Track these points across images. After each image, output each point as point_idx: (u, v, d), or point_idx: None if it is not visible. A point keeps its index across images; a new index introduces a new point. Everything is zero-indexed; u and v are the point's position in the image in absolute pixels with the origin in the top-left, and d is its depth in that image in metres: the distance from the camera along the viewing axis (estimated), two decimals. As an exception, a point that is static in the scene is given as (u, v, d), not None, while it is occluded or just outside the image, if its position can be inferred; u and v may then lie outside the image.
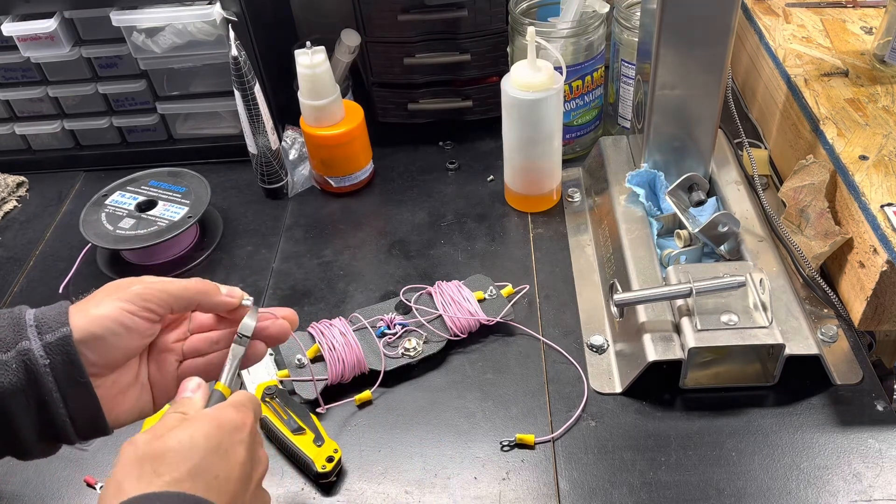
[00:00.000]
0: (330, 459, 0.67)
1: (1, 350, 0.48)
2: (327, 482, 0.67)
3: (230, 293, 0.57)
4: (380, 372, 0.75)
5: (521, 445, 0.69)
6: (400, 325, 0.79)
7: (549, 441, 0.70)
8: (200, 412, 0.50)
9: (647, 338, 0.71)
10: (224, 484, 0.47)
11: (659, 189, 0.86)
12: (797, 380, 0.72)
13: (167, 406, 0.54)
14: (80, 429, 0.51)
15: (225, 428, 0.49)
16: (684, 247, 0.82)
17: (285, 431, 0.69)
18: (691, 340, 0.68)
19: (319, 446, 0.68)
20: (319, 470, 0.66)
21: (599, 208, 0.91)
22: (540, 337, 0.79)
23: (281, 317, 0.59)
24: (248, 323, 0.58)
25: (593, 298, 0.83)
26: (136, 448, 0.47)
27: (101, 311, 0.51)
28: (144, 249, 0.88)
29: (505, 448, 0.69)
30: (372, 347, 0.77)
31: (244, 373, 0.76)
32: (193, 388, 0.53)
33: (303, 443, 0.69)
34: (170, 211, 0.92)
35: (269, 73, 1.00)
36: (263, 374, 0.76)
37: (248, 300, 0.59)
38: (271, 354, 0.78)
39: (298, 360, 0.75)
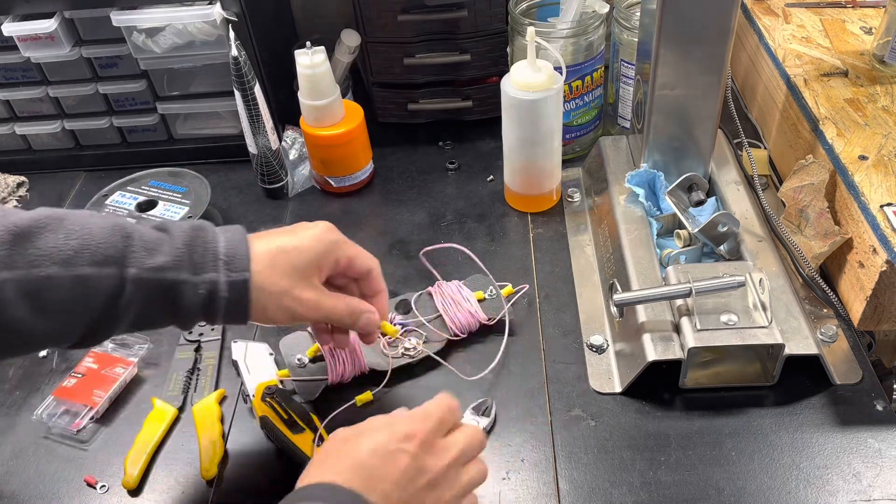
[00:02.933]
0: None
1: (194, 272, 0.57)
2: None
3: (365, 327, 0.67)
4: (380, 372, 0.75)
5: None
6: (400, 324, 0.79)
7: (549, 441, 0.70)
8: (390, 416, 0.57)
9: (646, 338, 0.71)
10: (380, 483, 0.52)
11: (659, 189, 0.86)
12: (797, 380, 0.72)
13: None
14: (225, 324, 0.62)
15: (395, 437, 0.54)
16: (684, 247, 0.82)
17: (285, 431, 0.70)
18: (691, 340, 0.69)
19: (320, 446, 0.68)
20: None
21: (599, 208, 0.91)
22: (540, 337, 0.79)
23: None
24: None
25: (593, 298, 0.83)
26: (338, 436, 0.56)
27: (283, 302, 0.60)
28: (144, 249, 0.88)
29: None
30: (373, 347, 0.77)
31: (244, 371, 0.76)
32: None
33: (303, 442, 0.69)
34: (170, 211, 0.92)
35: (269, 73, 1.00)
36: (264, 373, 0.76)
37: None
38: (271, 354, 0.78)
39: (299, 359, 0.76)
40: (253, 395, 0.73)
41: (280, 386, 0.74)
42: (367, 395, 0.74)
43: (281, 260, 0.61)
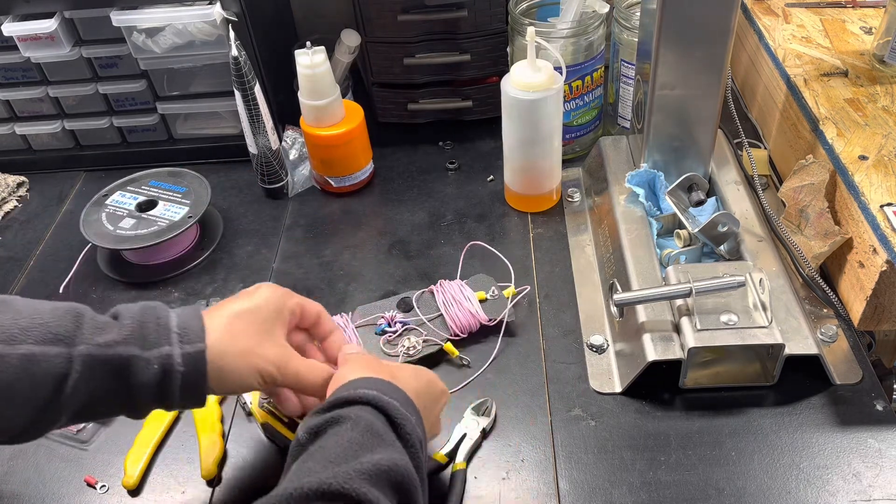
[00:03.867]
0: None
1: (146, 348, 0.55)
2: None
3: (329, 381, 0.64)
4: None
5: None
6: (401, 323, 0.79)
7: (549, 441, 0.70)
8: (423, 369, 0.64)
9: (646, 338, 0.71)
10: (428, 409, 0.61)
11: (659, 189, 0.86)
12: (797, 380, 0.72)
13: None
14: (182, 408, 0.61)
15: (435, 390, 0.63)
16: (684, 247, 0.82)
17: (285, 433, 0.69)
18: (691, 340, 0.69)
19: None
20: None
21: (599, 208, 0.91)
22: (540, 337, 0.79)
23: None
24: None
25: (593, 298, 0.83)
26: (378, 360, 0.62)
27: (244, 365, 0.58)
28: (145, 249, 0.88)
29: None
30: (373, 346, 0.77)
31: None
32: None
33: None
34: (170, 211, 0.92)
35: (269, 73, 1.00)
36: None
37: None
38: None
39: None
40: (250, 403, 0.73)
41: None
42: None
43: (237, 324, 0.59)
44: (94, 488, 0.69)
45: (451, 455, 0.69)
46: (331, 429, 0.52)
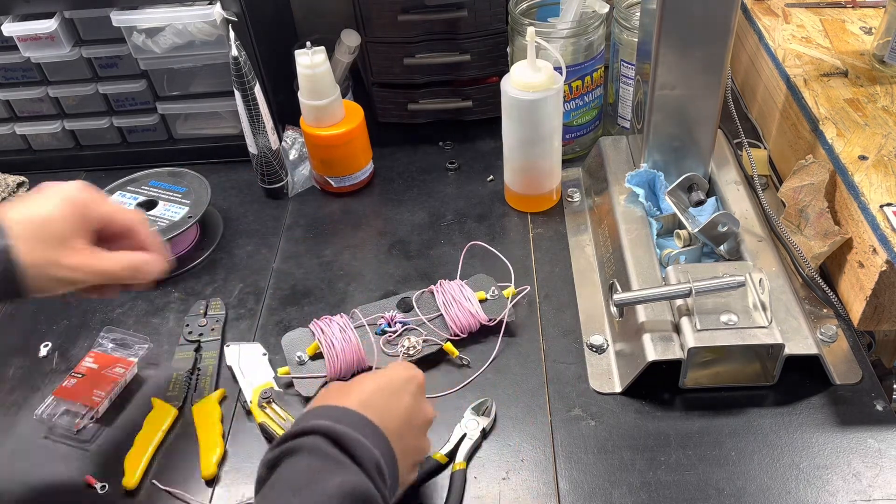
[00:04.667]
0: None
1: None
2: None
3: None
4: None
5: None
6: (401, 323, 0.79)
7: (549, 441, 0.70)
8: (381, 371, 0.63)
9: (646, 338, 0.71)
10: (389, 417, 0.58)
11: (659, 189, 0.86)
12: (797, 380, 0.72)
13: None
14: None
15: (396, 379, 0.61)
16: (684, 247, 0.82)
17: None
18: (691, 340, 0.69)
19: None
20: None
21: (599, 208, 0.91)
22: (540, 337, 0.79)
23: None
24: None
25: (593, 298, 0.83)
26: (333, 387, 0.62)
27: (47, 282, 0.59)
28: (144, 249, 0.88)
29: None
30: (373, 345, 0.77)
31: (239, 375, 0.76)
32: None
33: None
34: (170, 211, 0.92)
35: (269, 73, 1.00)
36: (259, 375, 0.76)
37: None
38: (264, 355, 0.78)
39: (299, 357, 0.76)
40: (250, 401, 0.73)
41: (275, 388, 0.74)
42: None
43: (37, 231, 0.59)
44: (94, 488, 0.69)
45: (451, 455, 0.69)
46: (287, 459, 0.52)
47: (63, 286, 0.60)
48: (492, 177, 1.01)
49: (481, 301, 0.80)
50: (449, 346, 0.77)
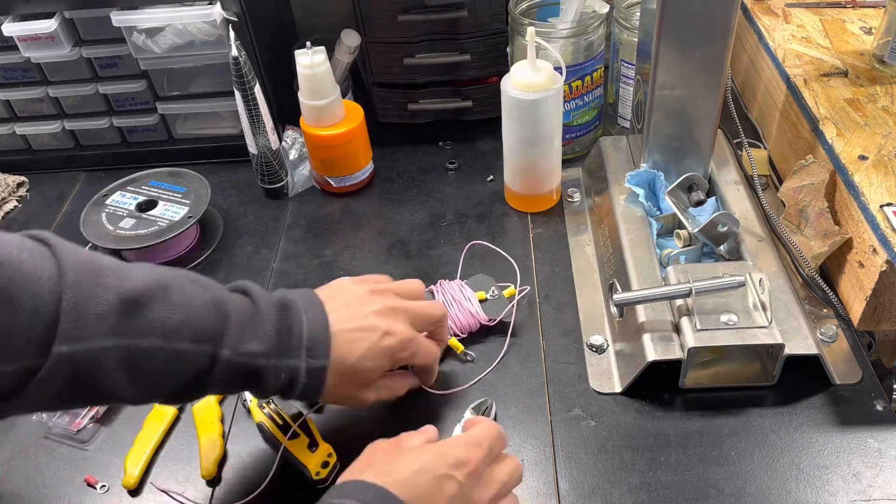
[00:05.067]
0: (325, 465, 0.67)
1: (277, 357, 0.60)
2: (325, 487, 0.67)
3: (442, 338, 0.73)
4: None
5: None
6: (400, 324, 0.79)
7: (549, 441, 0.70)
8: (440, 441, 0.59)
9: (646, 338, 0.71)
10: (425, 498, 0.53)
11: (659, 189, 0.86)
12: (797, 380, 0.72)
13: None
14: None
15: (447, 461, 0.55)
16: (684, 247, 0.82)
17: (280, 437, 0.69)
18: (691, 340, 0.69)
19: (314, 451, 0.68)
20: (315, 477, 0.66)
21: (599, 208, 0.91)
22: (540, 337, 0.79)
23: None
24: None
25: (593, 298, 0.83)
26: (379, 448, 0.58)
27: (346, 396, 0.65)
28: (145, 249, 0.88)
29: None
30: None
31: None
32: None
33: (297, 448, 0.69)
34: (170, 211, 0.92)
35: (269, 73, 1.00)
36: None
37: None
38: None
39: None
40: (249, 400, 0.73)
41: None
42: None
43: (346, 375, 0.63)
44: (94, 488, 0.69)
45: (451, 455, 0.69)
46: None
47: (354, 403, 0.67)
48: (492, 177, 1.01)
49: (481, 301, 0.80)
50: (453, 342, 0.77)
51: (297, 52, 0.90)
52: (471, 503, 0.54)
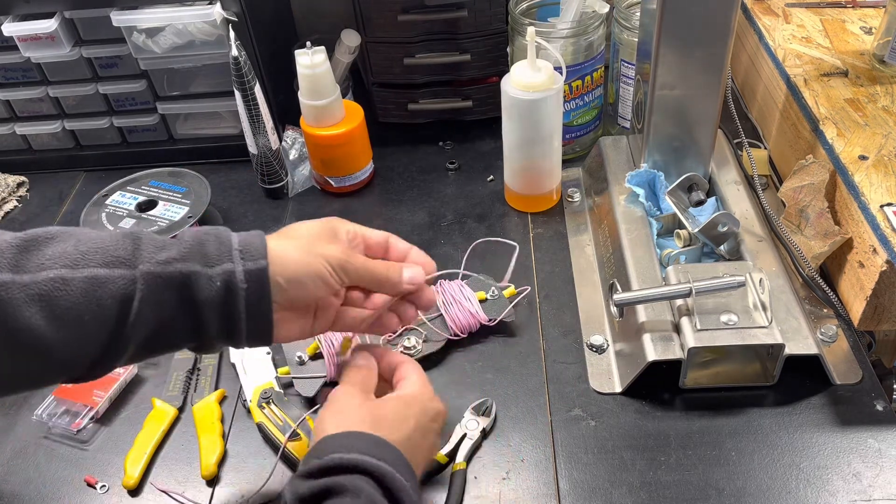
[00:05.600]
0: None
1: (207, 265, 0.54)
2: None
3: (412, 280, 0.63)
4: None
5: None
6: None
7: (549, 441, 0.70)
8: (410, 394, 0.60)
9: (646, 338, 0.71)
10: (420, 456, 0.58)
11: (659, 189, 0.86)
12: (797, 380, 0.72)
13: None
14: (250, 339, 0.57)
15: (429, 414, 0.60)
16: (684, 247, 0.82)
17: (280, 438, 0.69)
18: (691, 340, 0.68)
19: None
20: None
21: (599, 208, 0.91)
22: (540, 337, 0.79)
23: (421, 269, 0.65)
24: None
25: (593, 298, 0.83)
26: (360, 402, 0.58)
27: (308, 260, 0.57)
28: (144, 249, 0.88)
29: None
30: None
31: (241, 373, 0.76)
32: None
33: (298, 450, 0.68)
34: (170, 211, 0.92)
35: (269, 73, 1.00)
36: (261, 374, 0.76)
37: (430, 275, 0.65)
38: (268, 353, 0.78)
39: (299, 357, 0.76)
40: (250, 400, 0.73)
41: (276, 388, 0.74)
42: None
43: (298, 236, 0.58)
44: (94, 488, 0.69)
45: (451, 455, 0.69)
46: (330, 500, 0.49)
47: (320, 277, 0.57)
48: (492, 177, 1.01)
49: (481, 301, 0.80)
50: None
51: (297, 52, 0.90)
52: (437, 443, 0.62)
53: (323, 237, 0.59)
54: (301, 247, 0.57)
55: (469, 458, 0.69)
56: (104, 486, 0.69)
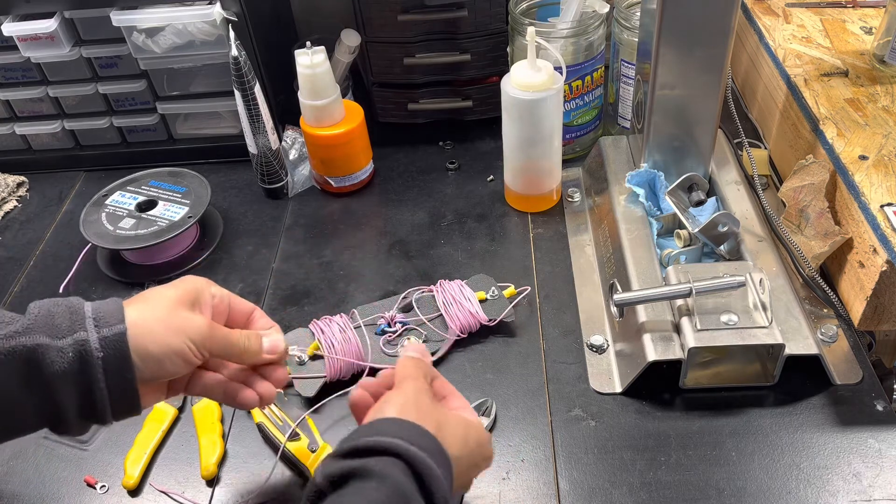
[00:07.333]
0: None
1: (57, 336, 0.50)
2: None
3: (272, 348, 0.61)
4: (379, 370, 0.75)
5: None
6: (401, 322, 0.79)
7: (549, 441, 0.70)
8: (475, 423, 0.57)
9: (646, 338, 0.71)
10: (456, 480, 0.52)
11: (659, 189, 0.86)
12: (797, 380, 0.72)
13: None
14: (116, 413, 0.53)
15: (482, 455, 0.57)
16: (684, 247, 0.82)
17: (280, 438, 0.69)
18: (691, 340, 0.68)
19: (314, 451, 0.68)
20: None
21: (599, 208, 0.91)
22: (540, 337, 0.79)
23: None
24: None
25: (593, 298, 0.83)
26: (430, 401, 0.54)
27: (168, 340, 0.53)
28: (145, 249, 0.88)
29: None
30: (373, 345, 0.77)
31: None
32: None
33: (298, 450, 0.68)
34: (170, 211, 0.92)
35: (269, 73, 1.00)
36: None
37: (291, 351, 0.63)
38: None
39: (298, 357, 0.76)
40: None
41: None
42: (367, 395, 0.74)
43: (157, 303, 0.55)
44: (94, 488, 0.69)
45: (451, 455, 0.69)
46: (354, 482, 0.46)
47: (182, 350, 0.53)
48: (492, 177, 1.01)
49: (481, 301, 0.80)
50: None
51: (297, 52, 0.90)
52: (470, 480, 0.58)
53: (184, 304, 0.55)
54: (161, 319, 0.53)
55: (469, 458, 0.69)
56: (104, 486, 0.69)
